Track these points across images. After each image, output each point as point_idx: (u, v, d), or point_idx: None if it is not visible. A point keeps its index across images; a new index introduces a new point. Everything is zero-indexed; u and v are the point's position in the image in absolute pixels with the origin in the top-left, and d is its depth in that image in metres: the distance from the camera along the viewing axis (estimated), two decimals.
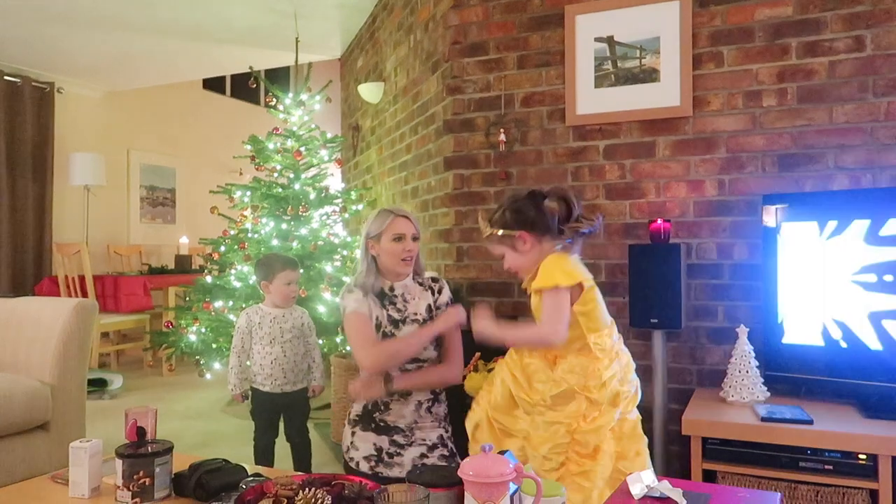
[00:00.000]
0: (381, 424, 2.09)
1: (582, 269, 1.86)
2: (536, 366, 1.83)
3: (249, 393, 2.69)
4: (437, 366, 2.15)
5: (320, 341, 3.78)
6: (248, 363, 2.71)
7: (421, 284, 2.21)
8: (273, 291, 2.68)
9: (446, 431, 2.15)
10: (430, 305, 2.18)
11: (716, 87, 2.76)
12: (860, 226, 2.29)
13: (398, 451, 2.07)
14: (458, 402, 2.30)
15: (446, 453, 2.10)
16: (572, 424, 1.76)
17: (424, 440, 2.09)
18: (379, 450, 2.07)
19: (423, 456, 2.07)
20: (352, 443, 2.11)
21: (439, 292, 2.22)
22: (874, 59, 2.54)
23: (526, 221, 1.84)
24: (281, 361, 2.64)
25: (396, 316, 2.12)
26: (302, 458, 2.76)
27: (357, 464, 2.08)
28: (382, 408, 2.08)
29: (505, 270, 1.96)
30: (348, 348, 3.14)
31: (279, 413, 2.70)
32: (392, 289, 2.15)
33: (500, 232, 1.86)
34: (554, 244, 1.85)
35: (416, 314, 2.13)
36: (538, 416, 1.79)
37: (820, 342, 2.37)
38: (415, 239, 2.11)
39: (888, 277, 2.24)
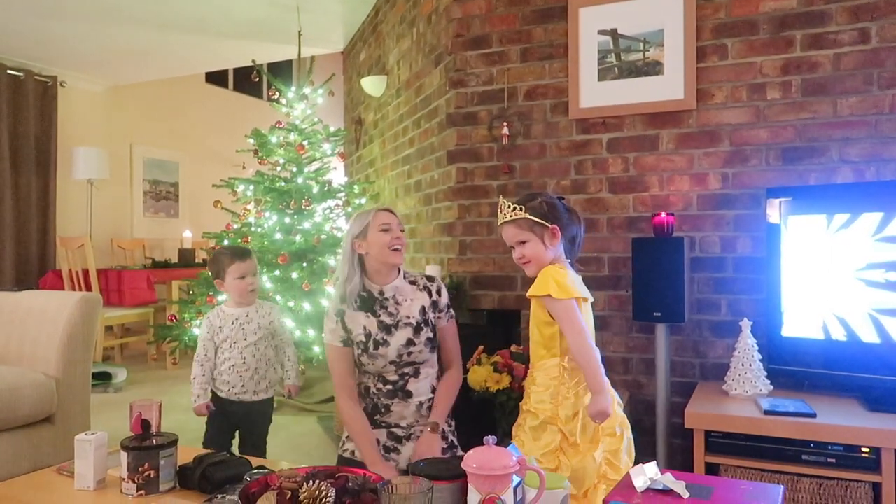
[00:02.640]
0: (383, 425, 2.08)
1: (580, 285, 1.86)
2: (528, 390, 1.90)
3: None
4: (447, 382, 2.14)
5: (324, 335, 3.78)
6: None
7: (413, 283, 2.13)
8: (227, 288, 2.46)
9: (449, 426, 2.14)
10: (424, 307, 2.10)
11: (720, 80, 2.75)
12: (866, 220, 2.28)
13: (396, 444, 2.06)
14: (461, 396, 2.29)
15: (444, 445, 2.09)
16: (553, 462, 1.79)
17: (423, 433, 2.08)
18: (377, 441, 2.07)
19: None
20: (348, 437, 2.11)
21: (438, 293, 2.14)
22: (879, 52, 2.53)
23: (559, 219, 1.86)
24: (238, 367, 2.41)
25: (388, 321, 2.05)
26: None
27: (353, 452, 2.07)
28: (383, 410, 2.06)
29: (516, 260, 1.92)
30: None
31: (233, 424, 2.48)
32: (382, 292, 2.08)
33: (535, 218, 1.85)
34: (561, 253, 1.89)
35: (408, 317, 2.07)
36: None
37: (823, 336, 2.37)
38: (402, 230, 2.07)
39: (892, 274, 2.24)
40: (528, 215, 1.85)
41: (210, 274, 2.53)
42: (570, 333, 1.77)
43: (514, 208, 1.87)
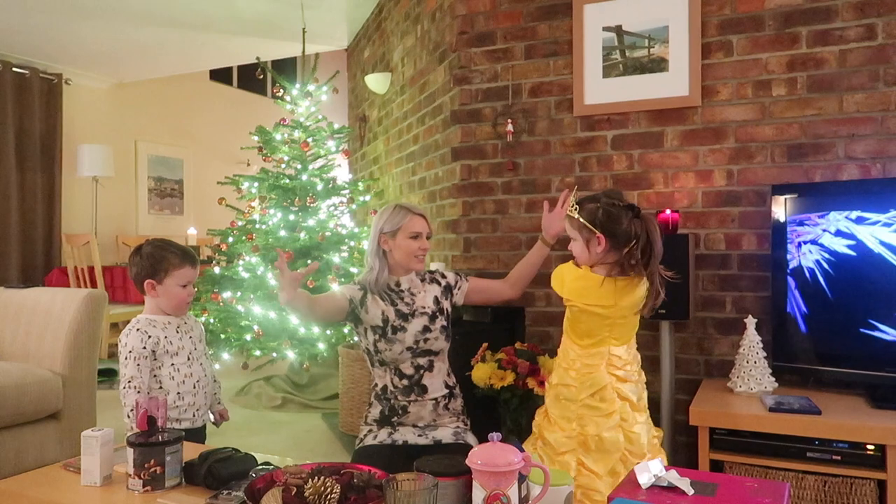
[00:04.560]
0: (399, 428, 2.09)
1: (596, 294, 1.81)
2: None
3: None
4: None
5: (328, 332, 3.80)
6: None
7: (423, 280, 2.24)
8: (162, 294, 2.01)
9: (465, 424, 2.17)
10: (436, 297, 2.19)
11: (725, 77, 2.74)
12: (872, 217, 2.27)
13: (423, 433, 2.10)
14: (465, 393, 2.30)
15: (460, 441, 2.10)
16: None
17: (440, 440, 2.09)
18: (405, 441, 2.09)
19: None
20: (366, 435, 2.13)
21: (443, 277, 2.26)
22: (885, 48, 2.52)
23: (612, 230, 1.80)
24: (203, 383, 2.07)
25: (405, 310, 2.13)
26: None
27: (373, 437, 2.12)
28: (401, 412, 2.09)
29: (570, 253, 1.94)
30: (356, 338, 3.14)
31: None
32: (398, 284, 2.17)
33: (585, 222, 1.83)
34: (614, 261, 1.82)
35: (424, 307, 2.16)
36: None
37: (829, 333, 2.36)
38: (428, 237, 2.16)
39: None
40: (578, 216, 1.84)
41: (136, 269, 2.03)
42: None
43: (574, 205, 1.88)
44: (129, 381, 1.92)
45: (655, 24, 2.84)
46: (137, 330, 1.97)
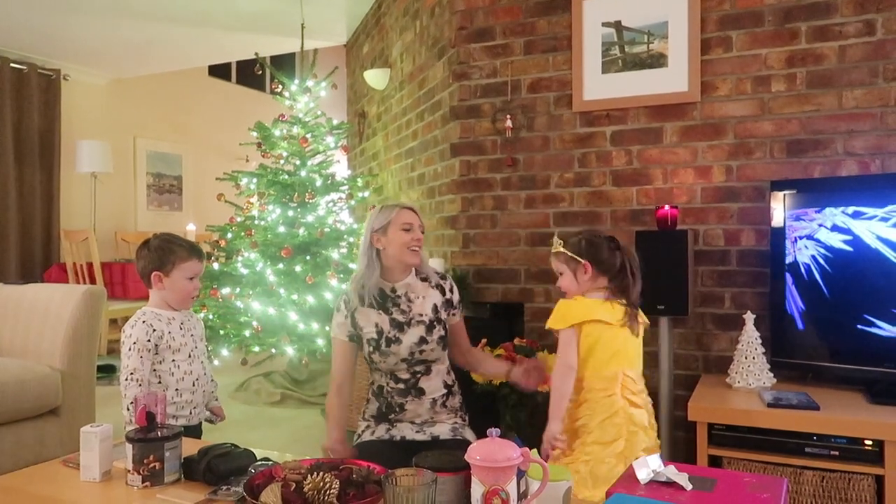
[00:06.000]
0: (397, 424, 2.08)
1: (603, 309, 1.94)
2: None
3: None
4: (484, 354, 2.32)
5: (327, 328, 3.80)
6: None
7: (425, 280, 2.11)
8: (169, 287, 2.02)
9: (463, 420, 2.15)
10: (436, 305, 2.08)
11: (724, 73, 2.74)
12: (871, 213, 2.28)
13: (420, 428, 2.07)
14: (465, 390, 2.30)
15: (458, 437, 2.09)
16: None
17: (437, 436, 2.08)
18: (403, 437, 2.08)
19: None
20: (363, 431, 2.12)
21: (451, 291, 2.13)
22: (885, 44, 2.52)
23: (596, 257, 1.97)
24: (202, 382, 2.07)
25: (401, 318, 2.03)
26: None
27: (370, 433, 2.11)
28: (397, 409, 2.06)
29: (556, 287, 2.08)
30: None
31: None
32: (394, 290, 2.06)
33: (570, 253, 1.99)
34: (600, 288, 1.98)
35: (421, 315, 2.04)
36: None
37: (827, 328, 2.37)
38: (422, 231, 2.06)
39: None
40: (564, 250, 2.00)
41: (144, 262, 2.03)
42: (558, 358, 1.94)
43: (558, 242, 2.04)
44: (132, 374, 1.93)
45: (655, 20, 2.83)
46: (143, 322, 1.98)
